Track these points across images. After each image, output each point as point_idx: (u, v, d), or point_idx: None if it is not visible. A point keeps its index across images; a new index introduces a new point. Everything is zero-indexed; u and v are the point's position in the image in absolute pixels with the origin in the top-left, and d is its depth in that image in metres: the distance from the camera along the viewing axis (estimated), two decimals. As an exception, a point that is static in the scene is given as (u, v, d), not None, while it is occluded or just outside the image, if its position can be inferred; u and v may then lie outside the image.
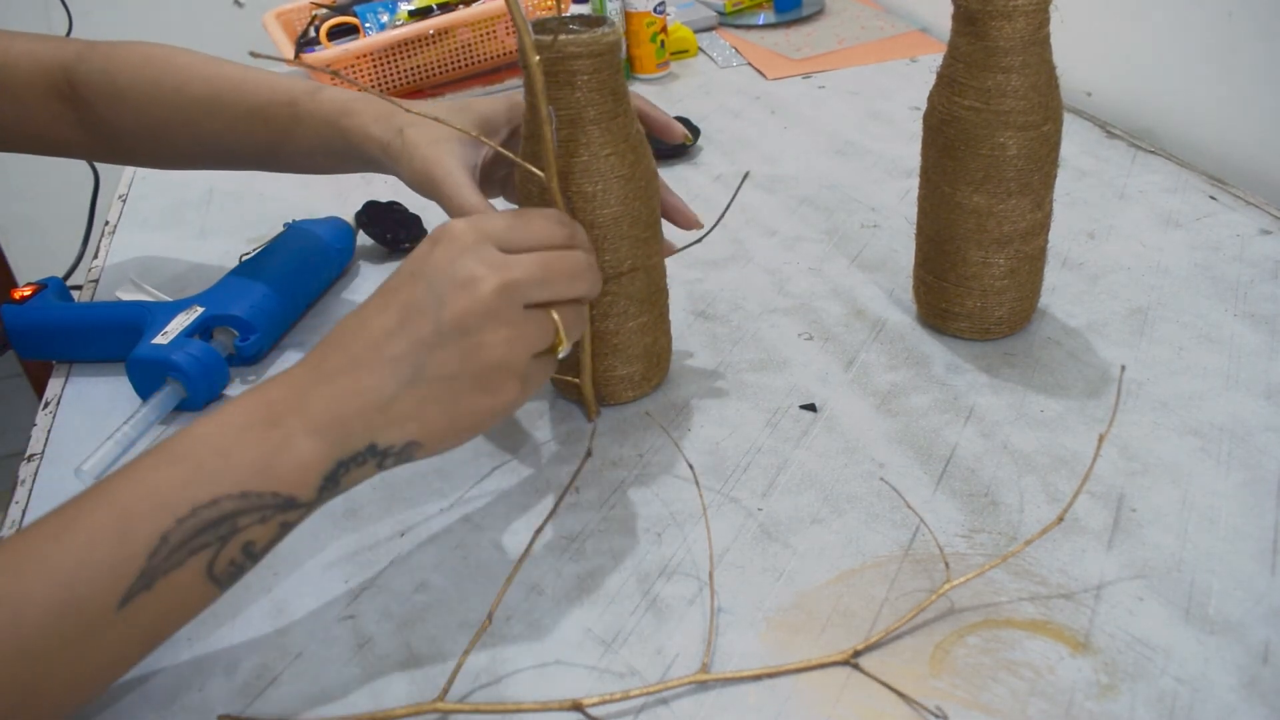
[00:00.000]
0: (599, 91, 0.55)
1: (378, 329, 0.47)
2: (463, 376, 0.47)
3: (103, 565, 0.41)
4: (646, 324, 0.62)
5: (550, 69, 0.54)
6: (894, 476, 0.57)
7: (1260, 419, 0.58)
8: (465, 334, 0.47)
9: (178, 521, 0.42)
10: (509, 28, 1.14)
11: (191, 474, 0.43)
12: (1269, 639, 0.46)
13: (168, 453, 0.44)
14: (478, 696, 0.47)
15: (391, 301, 0.48)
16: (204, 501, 0.43)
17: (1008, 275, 0.63)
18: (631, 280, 0.60)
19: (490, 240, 0.49)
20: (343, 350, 0.47)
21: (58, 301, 0.74)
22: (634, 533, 0.55)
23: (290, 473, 0.45)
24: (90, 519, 0.42)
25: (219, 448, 0.44)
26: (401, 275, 0.49)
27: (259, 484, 0.44)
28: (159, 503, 0.42)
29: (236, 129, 0.70)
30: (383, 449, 0.47)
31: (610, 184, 0.56)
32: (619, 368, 0.62)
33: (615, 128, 0.56)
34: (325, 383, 0.46)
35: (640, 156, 0.58)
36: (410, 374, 0.47)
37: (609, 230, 0.57)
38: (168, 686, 0.48)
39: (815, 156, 0.93)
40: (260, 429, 0.45)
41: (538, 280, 0.49)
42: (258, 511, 0.44)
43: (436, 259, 0.48)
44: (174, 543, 0.42)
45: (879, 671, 0.46)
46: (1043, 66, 0.58)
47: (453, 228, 0.49)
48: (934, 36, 1.18)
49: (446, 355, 0.47)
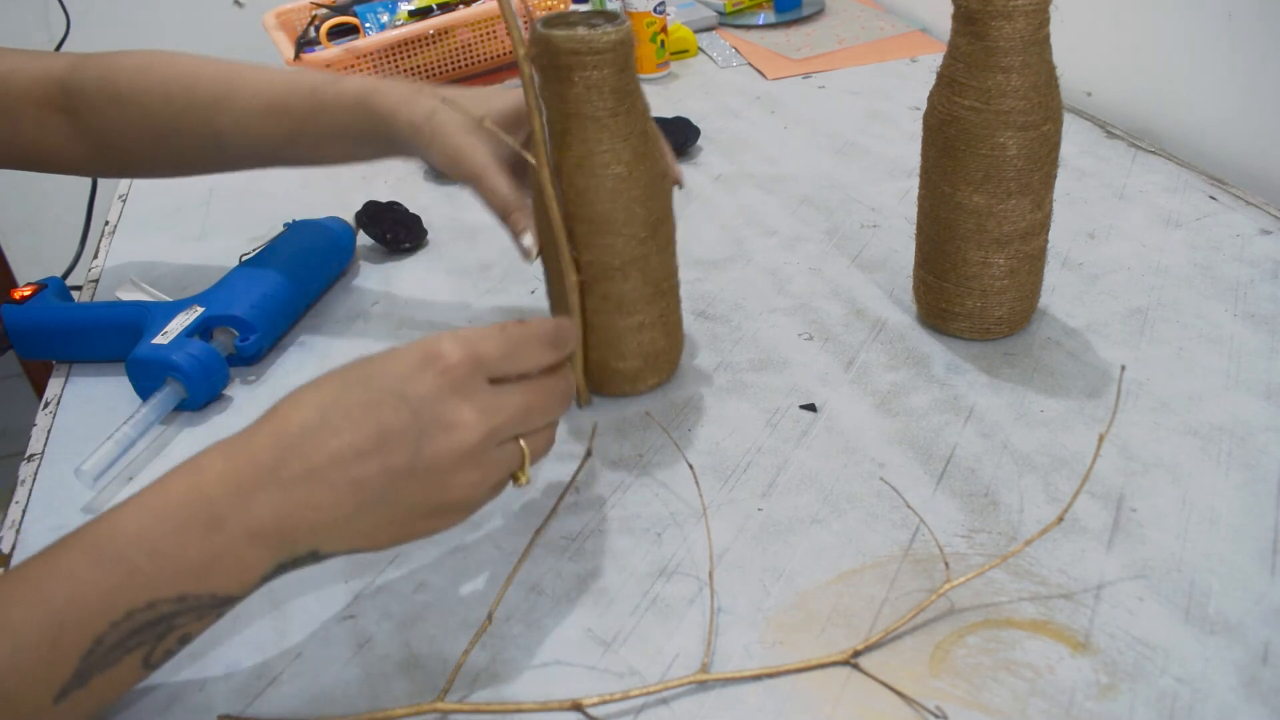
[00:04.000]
0: (595, 89, 0.54)
1: (347, 446, 0.44)
2: (421, 507, 0.46)
3: (37, 666, 0.40)
4: (642, 324, 0.61)
5: (550, 63, 0.54)
6: (894, 476, 0.57)
7: (1260, 419, 0.58)
8: (437, 473, 0.45)
9: (112, 625, 0.41)
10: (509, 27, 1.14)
11: (125, 578, 0.41)
12: (1269, 639, 0.46)
13: (96, 549, 0.42)
14: (478, 696, 0.47)
15: (368, 420, 0.44)
16: (140, 605, 0.41)
17: (1008, 275, 0.63)
18: (624, 278, 0.59)
19: (483, 371, 0.47)
20: (301, 458, 0.43)
21: (58, 301, 0.74)
22: (634, 533, 0.55)
23: (230, 576, 0.43)
24: (21, 621, 0.40)
25: (154, 549, 0.42)
26: (382, 391, 0.45)
27: (197, 586, 0.42)
28: (92, 608, 0.40)
29: (253, 122, 0.70)
30: (325, 554, 0.45)
31: (603, 181, 0.56)
32: (612, 361, 0.62)
33: (614, 125, 0.56)
34: (276, 488, 0.43)
35: (641, 158, 0.57)
36: (373, 499, 0.44)
37: (599, 226, 0.57)
38: (168, 686, 0.48)
39: (815, 156, 0.93)
40: (199, 531, 0.42)
41: (519, 420, 0.48)
42: (195, 611, 0.43)
43: (425, 388, 0.45)
44: (109, 644, 0.41)
45: (879, 671, 0.46)
46: (1043, 66, 0.58)
47: (447, 353, 0.46)
48: (934, 36, 1.18)
49: (413, 487, 0.45)
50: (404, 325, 0.74)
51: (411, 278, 0.80)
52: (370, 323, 0.75)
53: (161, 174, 0.77)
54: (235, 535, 0.42)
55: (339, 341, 0.73)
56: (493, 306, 0.75)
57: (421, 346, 0.47)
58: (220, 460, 0.44)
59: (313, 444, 0.44)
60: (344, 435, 0.44)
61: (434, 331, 0.69)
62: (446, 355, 0.46)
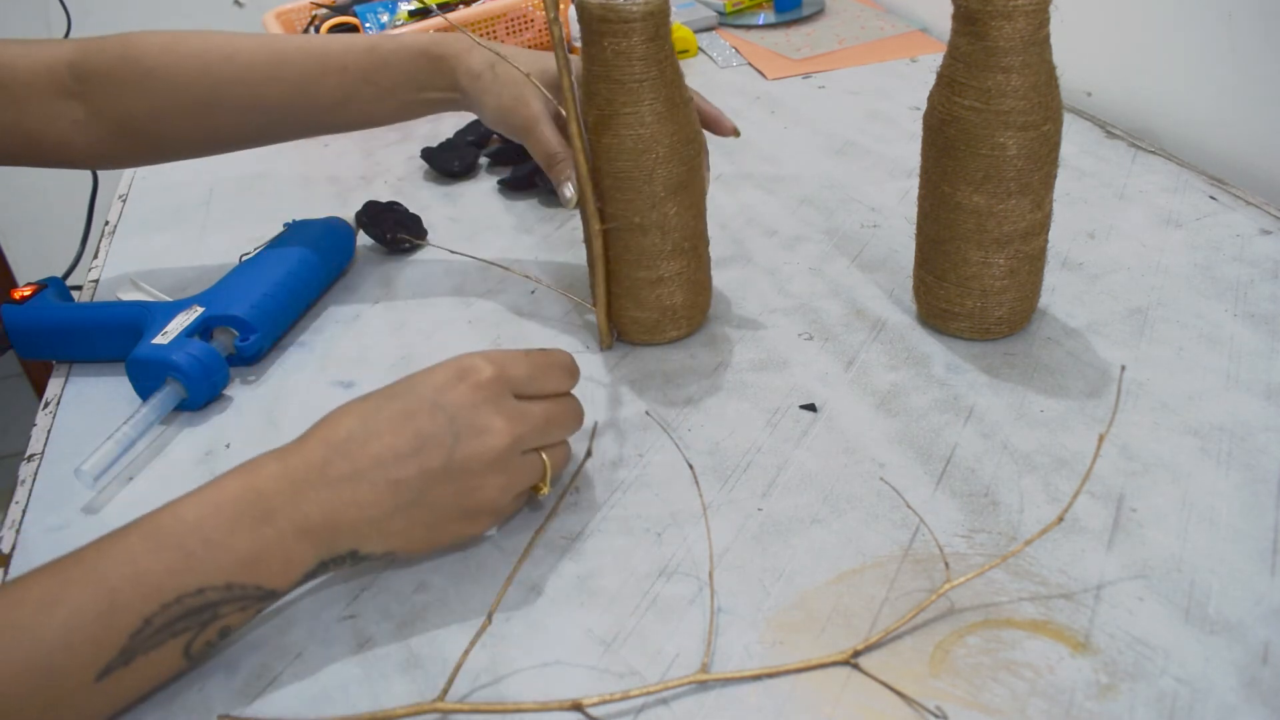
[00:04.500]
0: (623, 55, 0.59)
1: (387, 448, 0.48)
2: (454, 509, 0.50)
3: (85, 642, 0.42)
4: (660, 278, 0.65)
5: (586, 27, 0.59)
6: (894, 476, 0.57)
7: (1260, 419, 0.58)
8: (469, 475, 0.49)
9: (162, 607, 0.43)
10: (509, 28, 1.14)
11: (180, 562, 0.44)
12: (1269, 639, 0.46)
13: (156, 535, 0.45)
14: (478, 696, 0.47)
15: (407, 425, 0.49)
16: (190, 590, 0.44)
17: (1008, 275, 0.63)
18: (642, 234, 0.64)
19: (510, 387, 0.51)
20: (348, 459, 0.48)
21: (58, 301, 0.74)
22: (634, 533, 0.55)
23: (276, 568, 0.46)
24: (77, 596, 0.43)
25: (209, 538, 0.45)
26: (420, 400, 0.49)
27: (244, 576, 0.45)
28: (146, 588, 0.43)
29: (309, 86, 0.71)
30: (363, 555, 0.49)
31: (624, 141, 0.61)
32: (631, 310, 0.67)
33: (639, 90, 0.60)
34: (325, 487, 0.47)
35: (664, 121, 0.61)
36: (410, 499, 0.48)
37: (620, 182, 0.62)
38: (168, 687, 0.48)
39: (815, 156, 0.93)
40: (252, 523, 0.46)
41: (541, 431, 0.52)
42: (240, 601, 0.45)
43: (460, 397, 0.49)
44: (157, 625, 0.43)
45: (879, 671, 0.46)
46: (1043, 66, 0.58)
47: (480, 368, 0.50)
48: (934, 36, 1.18)
49: (446, 489, 0.49)
50: (404, 325, 0.74)
51: (411, 278, 0.80)
52: (370, 323, 0.75)
53: (188, 154, 0.77)
54: (284, 529, 0.46)
55: (339, 341, 0.73)
56: (493, 306, 0.75)
57: (456, 363, 0.51)
58: (274, 462, 0.48)
59: (357, 447, 0.48)
60: (385, 439, 0.48)
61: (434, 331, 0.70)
62: (479, 370, 0.50)
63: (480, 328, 0.73)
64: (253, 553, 0.45)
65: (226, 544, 0.45)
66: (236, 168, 1.01)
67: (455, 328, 0.73)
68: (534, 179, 0.91)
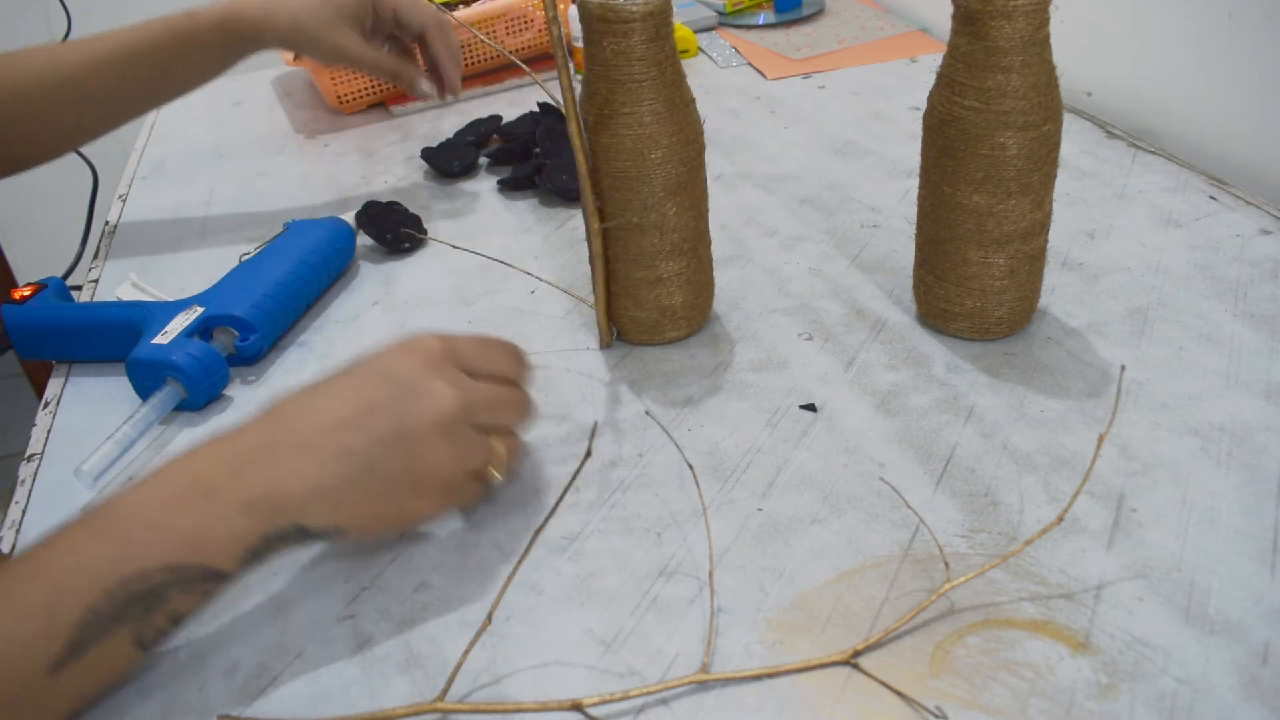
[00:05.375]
0: (622, 55, 0.59)
1: (332, 417, 0.48)
2: (402, 479, 0.49)
3: (34, 636, 0.42)
4: (658, 278, 0.65)
5: (587, 25, 0.59)
6: (894, 476, 0.57)
7: (1260, 419, 0.58)
8: (417, 440, 0.49)
9: (105, 594, 0.43)
10: (509, 28, 1.14)
11: (120, 548, 0.43)
12: (1269, 639, 0.46)
13: (96, 523, 0.44)
14: (478, 696, 0.47)
15: (353, 395, 0.49)
16: (131, 574, 0.43)
17: (1008, 275, 0.63)
18: (640, 234, 0.64)
19: (457, 362, 0.52)
20: (293, 431, 0.48)
21: (58, 301, 0.74)
22: (634, 533, 0.55)
23: (218, 546, 0.45)
24: (22, 591, 0.42)
25: (149, 520, 0.44)
26: (366, 373, 0.50)
27: (187, 556, 0.44)
28: (88, 577, 0.43)
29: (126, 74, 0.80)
30: (311, 530, 0.48)
31: (622, 140, 0.61)
32: (630, 309, 0.67)
33: (639, 91, 0.60)
34: (269, 459, 0.47)
35: (663, 122, 0.61)
36: (357, 467, 0.48)
37: (617, 181, 0.62)
38: (168, 686, 0.48)
39: (815, 156, 0.93)
40: (192, 500, 0.45)
41: (489, 407, 0.52)
42: (184, 584, 0.45)
43: (408, 367, 0.50)
44: (103, 614, 0.43)
45: (879, 671, 0.46)
46: (1043, 66, 0.58)
47: (427, 342, 0.52)
48: (934, 36, 1.18)
49: (394, 457, 0.49)
50: (404, 325, 0.74)
51: (411, 278, 0.80)
52: (370, 323, 0.75)
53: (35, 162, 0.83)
54: (226, 504, 0.45)
55: (339, 341, 0.73)
56: (493, 306, 0.75)
57: (403, 339, 0.52)
58: (216, 444, 0.48)
59: (304, 420, 0.48)
60: (328, 408, 0.49)
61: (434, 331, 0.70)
62: (427, 344, 0.51)
63: (480, 328, 0.73)
64: (194, 531, 0.45)
65: (167, 525, 0.44)
66: (236, 168, 1.01)
67: (455, 327, 0.73)
68: (534, 179, 0.91)
